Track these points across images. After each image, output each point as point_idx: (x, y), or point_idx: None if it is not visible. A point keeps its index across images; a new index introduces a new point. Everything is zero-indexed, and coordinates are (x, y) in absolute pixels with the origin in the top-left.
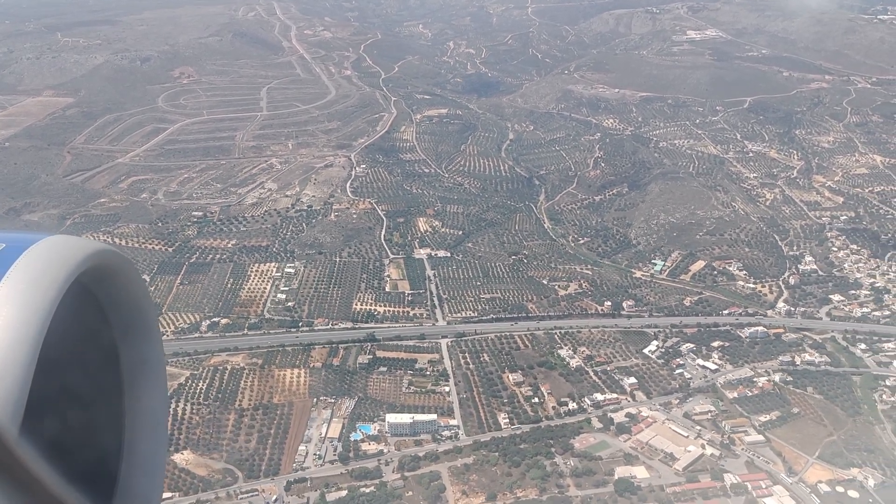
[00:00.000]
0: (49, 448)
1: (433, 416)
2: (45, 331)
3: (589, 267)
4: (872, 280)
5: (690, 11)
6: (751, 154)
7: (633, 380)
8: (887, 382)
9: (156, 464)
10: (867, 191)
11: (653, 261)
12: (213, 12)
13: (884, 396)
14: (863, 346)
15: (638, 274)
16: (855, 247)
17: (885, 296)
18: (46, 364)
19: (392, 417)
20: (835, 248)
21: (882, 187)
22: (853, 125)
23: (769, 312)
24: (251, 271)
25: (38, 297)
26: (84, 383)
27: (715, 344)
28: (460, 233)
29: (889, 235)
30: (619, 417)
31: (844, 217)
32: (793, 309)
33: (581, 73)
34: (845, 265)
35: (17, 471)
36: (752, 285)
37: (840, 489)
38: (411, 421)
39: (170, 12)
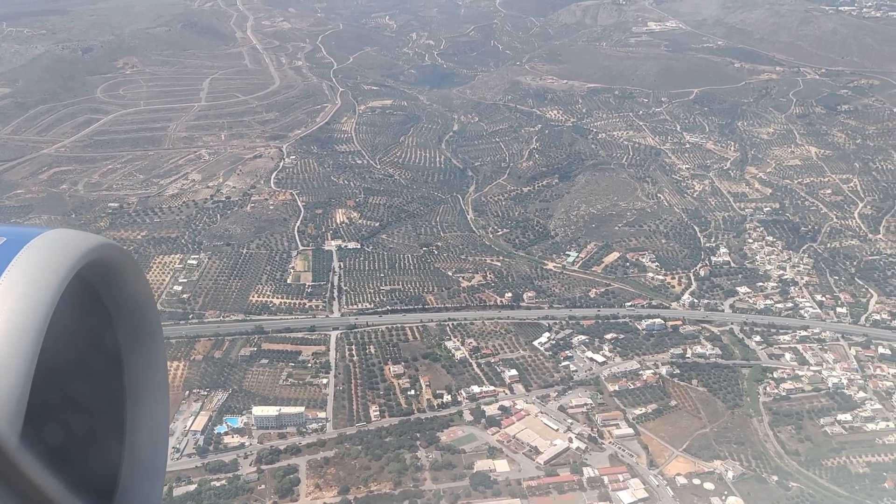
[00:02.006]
0: (49, 451)
1: (301, 409)
2: (47, 325)
3: (501, 258)
4: (781, 272)
5: (655, 3)
6: (687, 145)
7: (514, 372)
8: (774, 375)
9: (157, 468)
10: (796, 182)
11: (567, 252)
12: (168, 2)
13: (767, 389)
14: (758, 338)
15: (550, 265)
16: (771, 238)
17: (792, 288)
18: (47, 362)
19: (258, 410)
20: (750, 240)
21: (811, 179)
22: (795, 117)
23: (673, 304)
24: (154, 263)
25: (40, 291)
26: (86, 384)
27: (608, 336)
28: (377, 224)
29: (809, 227)
30: (491, 410)
31: (768, 209)
32: (696, 301)
33: (532, 65)
34: (757, 257)
35: (16, 478)
36: (661, 277)
37: (697, 482)
38: (277, 413)
39: (124, 2)
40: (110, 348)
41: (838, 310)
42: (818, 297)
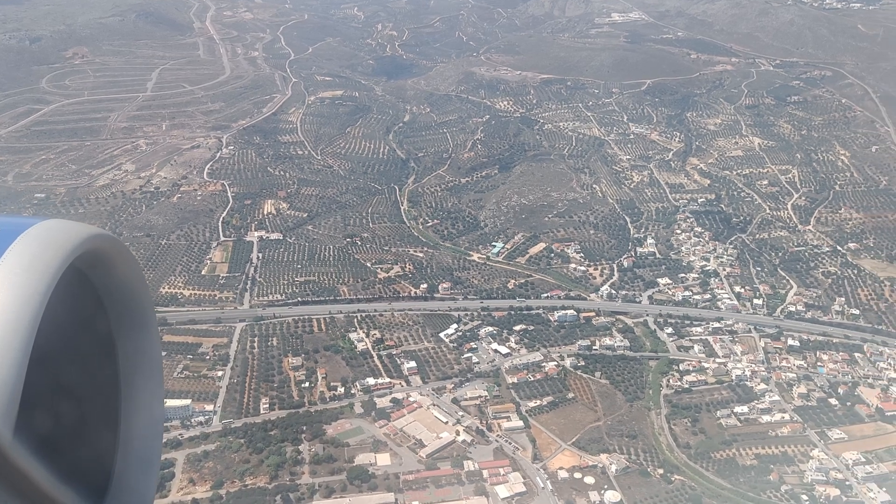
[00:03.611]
0: (43, 443)
1: (187, 402)
2: (41, 316)
3: (425, 250)
4: (704, 263)
5: None
6: (632, 136)
7: (412, 364)
8: (680, 367)
9: (151, 459)
10: (735, 173)
11: (493, 243)
12: None
13: (671, 381)
14: (670, 330)
15: (475, 256)
16: (699, 230)
17: (713, 279)
18: (41, 353)
19: None
20: (679, 231)
21: (751, 170)
22: (744, 108)
23: (592, 296)
24: None
25: (34, 283)
26: (80, 374)
27: (517, 328)
28: (305, 215)
29: (740, 218)
30: (383, 403)
31: (702, 199)
32: (615, 292)
33: (488, 56)
34: (683, 248)
35: (10, 471)
36: (583, 268)
37: (578, 475)
38: None
39: None
40: (104, 338)
41: (755, 301)
42: (737, 289)
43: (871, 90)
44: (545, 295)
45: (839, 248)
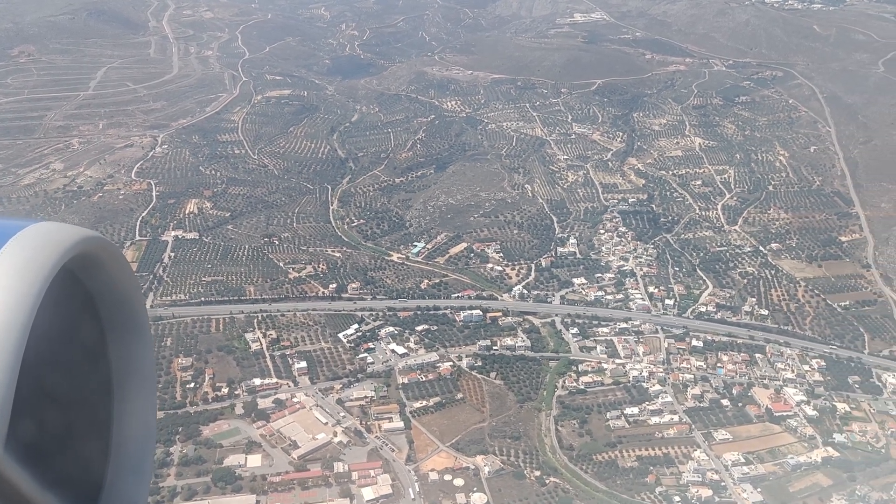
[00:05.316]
0: (34, 450)
1: None
2: (32, 321)
3: (343, 249)
4: (623, 263)
5: None
6: (573, 136)
7: (303, 364)
8: (579, 368)
9: (144, 466)
10: (671, 173)
11: (414, 243)
12: None
13: (566, 382)
14: (575, 330)
15: (394, 256)
16: (623, 229)
17: (628, 279)
18: (32, 358)
19: None
20: (602, 231)
21: (687, 170)
22: (691, 108)
23: (505, 296)
24: None
25: (25, 287)
26: (71, 379)
27: (419, 328)
28: (228, 214)
29: (668, 218)
30: (265, 404)
31: (633, 199)
32: (527, 292)
33: (442, 56)
34: (604, 248)
35: (1, 481)
36: (500, 268)
37: (448, 478)
38: None
39: None
40: (96, 342)
41: (666, 301)
42: (651, 289)
43: (818, 90)
44: (455, 295)
45: (762, 248)
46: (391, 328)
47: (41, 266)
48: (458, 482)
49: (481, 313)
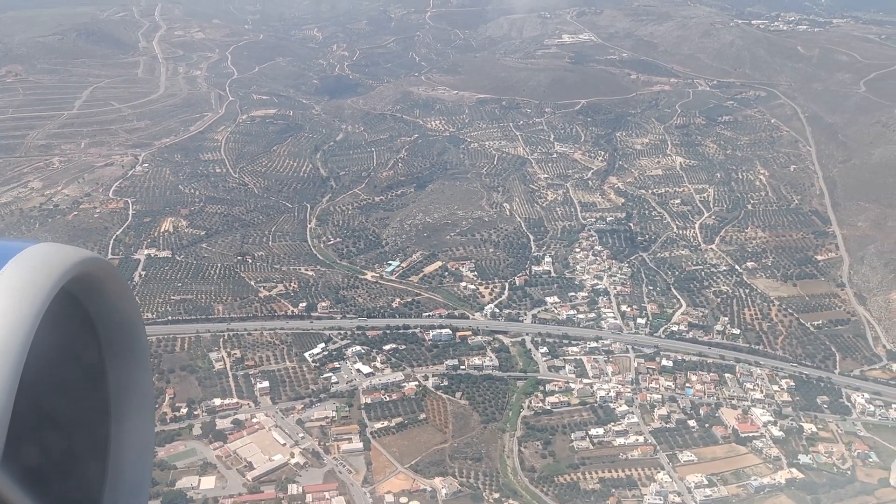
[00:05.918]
0: (31, 471)
1: None
2: (31, 341)
3: (317, 268)
4: (597, 282)
5: (576, 16)
6: (555, 155)
7: (265, 384)
8: (546, 388)
9: (141, 488)
10: (651, 192)
11: (389, 261)
12: (77, 13)
13: (532, 402)
14: (545, 349)
15: (369, 275)
16: (599, 248)
17: (602, 298)
18: (31, 378)
19: None
20: (577, 250)
21: (666, 189)
22: (674, 128)
23: (477, 315)
24: None
25: (24, 308)
26: (69, 400)
27: (387, 347)
28: (203, 233)
29: (646, 237)
30: (223, 424)
31: (611, 218)
32: (499, 311)
33: (429, 76)
34: (578, 267)
35: None
36: (473, 286)
37: (404, 500)
38: None
39: (33, 13)
40: (95, 364)
41: (638, 321)
42: (624, 308)
43: (800, 110)
44: (427, 314)
45: (737, 267)
46: (358, 347)
47: (40, 287)
48: None
49: (451, 332)
